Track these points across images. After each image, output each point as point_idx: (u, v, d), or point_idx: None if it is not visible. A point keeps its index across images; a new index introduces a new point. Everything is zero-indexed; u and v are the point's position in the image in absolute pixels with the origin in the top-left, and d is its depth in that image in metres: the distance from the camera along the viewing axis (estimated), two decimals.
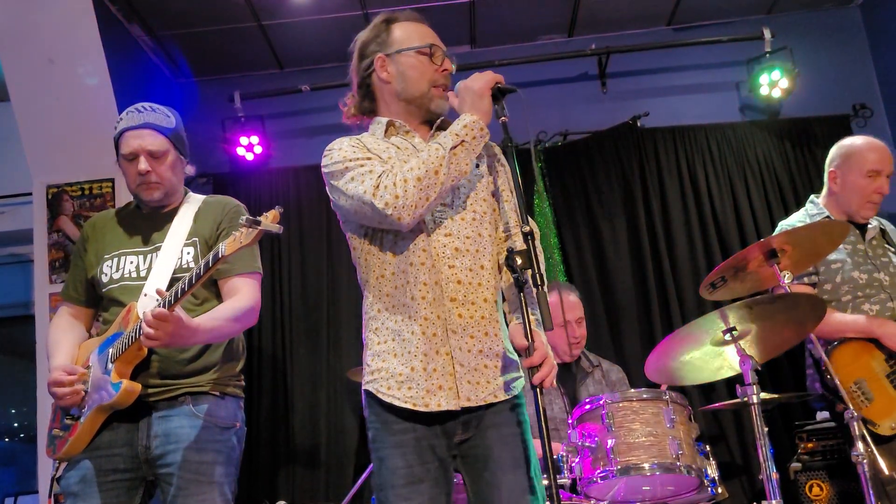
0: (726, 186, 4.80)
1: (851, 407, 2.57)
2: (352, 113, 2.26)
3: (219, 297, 2.48)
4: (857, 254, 3.15)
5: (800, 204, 4.61)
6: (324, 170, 2.09)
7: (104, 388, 2.28)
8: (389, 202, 1.88)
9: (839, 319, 3.04)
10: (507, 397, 2.01)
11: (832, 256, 3.12)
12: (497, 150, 2.22)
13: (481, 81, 1.98)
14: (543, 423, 1.76)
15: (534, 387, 1.80)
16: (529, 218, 1.89)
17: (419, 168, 1.90)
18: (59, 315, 2.60)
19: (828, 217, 3.21)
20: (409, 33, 2.16)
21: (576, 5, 4.87)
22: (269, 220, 2.04)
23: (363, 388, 2.03)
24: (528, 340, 1.82)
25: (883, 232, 3.28)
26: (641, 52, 5.01)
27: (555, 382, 1.90)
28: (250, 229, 2.03)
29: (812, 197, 3.36)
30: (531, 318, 1.86)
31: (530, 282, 1.81)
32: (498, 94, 1.98)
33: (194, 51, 5.08)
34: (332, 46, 5.11)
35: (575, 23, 5.05)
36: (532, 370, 1.82)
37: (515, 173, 1.93)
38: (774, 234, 3.04)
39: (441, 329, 1.96)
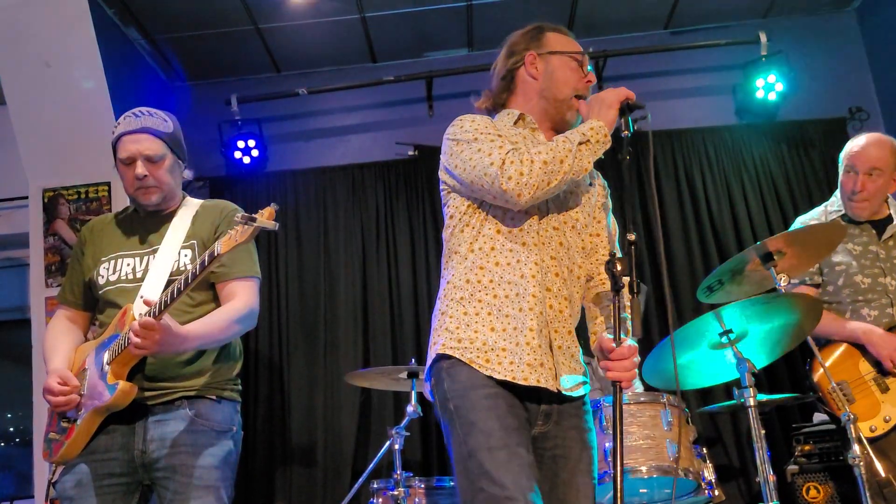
0: (723, 189, 4.80)
1: (834, 409, 2.58)
2: (484, 105, 2.28)
3: (217, 301, 2.48)
4: (867, 255, 3.09)
5: (796, 206, 4.64)
6: (449, 137, 2.09)
7: (100, 390, 2.27)
8: (513, 177, 1.89)
9: (828, 322, 3.04)
10: (585, 395, 2.06)
11: (836, 258, 3.10)
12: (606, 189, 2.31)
13: (613, 94, 2.04)
14: (618, 421, 1.78)
15: (613, 383, 1.85)
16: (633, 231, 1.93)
17: (547, 153, 1.92)
18: (56, 319, 2.59)
19: (843, 216, 3.19)
20: (562, 40, 2.24)
21: (573, 9, 4.88)
22: (265, 217, 2.03)
23: (440, 352, 1.97)
24: (617, 336, 1.86)
25: None
26: (639, 55, 5.02)
27: None
28: (246, 226, 2.03)
29: (837, 191, 3.27)
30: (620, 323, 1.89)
31: (626, 288, 1.85)
32: (626, 109, 2.04)
33: (191, 54, 5.08)
34: (329, 50, 5.11)
35: (572, 26, 5.06)
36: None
37: (638, 183, 1.98)
38: (789, 230, 3.04)
39: (544, 311, 1.98)
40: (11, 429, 5.33)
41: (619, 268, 1.85)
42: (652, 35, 5.18)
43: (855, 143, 3.15)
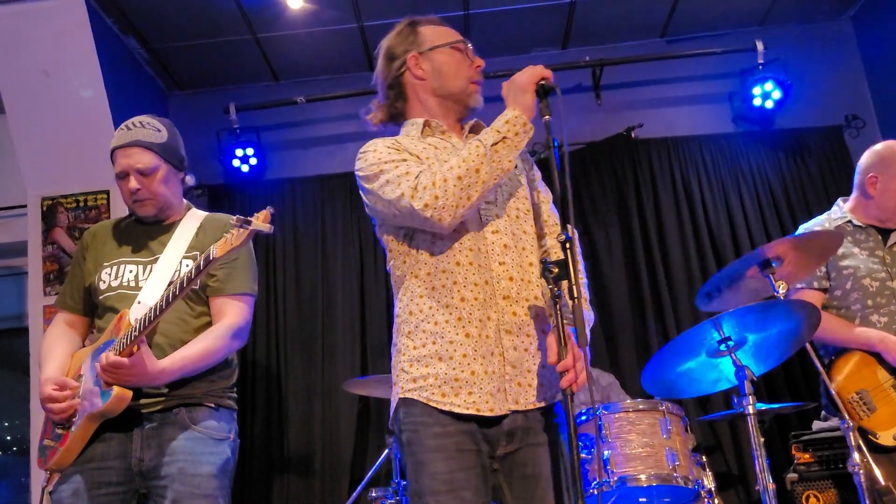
0: (720, 197, 4.81)
1: (847, 417, 2.57)
2: (379, 118, 2.21)
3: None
4: (874, 260, 3.10)
5: (794, 214, 4.65)
6: (358, 173, 2.01)
7: (95, 396, 2.25)
8: (429, 203, 1.81)
9: (840, 328, 3.04)
10: (554, 402, 1.94)
11: (844, 262, 3.10)
12: (530, 159, 2.19)
13: (525, 76, 1.93)
14: (571, 432, 1.70)
15: (563, 392, 1.74)
16: (570, 226, 1.80)
17: (459, 167, 1.83)
18: (55, 324, 2.58)
19: (849, 221, 3.19)
20: (437, 32, 2.14)
21: (569, 17, 4.90)
22: (260, 220, 2.03)
23: (401, 396, 1.90)
24: (560, 346, 1.73)
25: None
26: (635, 63, 5.03)
27: None
28: (241, 230, 2.02)
29: (839, 200, 3.29)
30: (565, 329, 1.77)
31: (566, 294, 1.73)
32: (541, 91, 1.92)
33: (189, 63, 5.09)
34: (328, 58, 5.13)
35: (569, 35, 5.08)
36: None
37: (559, 176, 1.82)
38: (794, 234, 3.04)
39: (494, 330, 1.88)
40: (9, 437, 5.32)
41: (554, 272, 1.73)
42: (648, 43, 5.20)
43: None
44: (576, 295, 1.70)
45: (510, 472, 1.89)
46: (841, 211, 3.24)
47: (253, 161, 4.99)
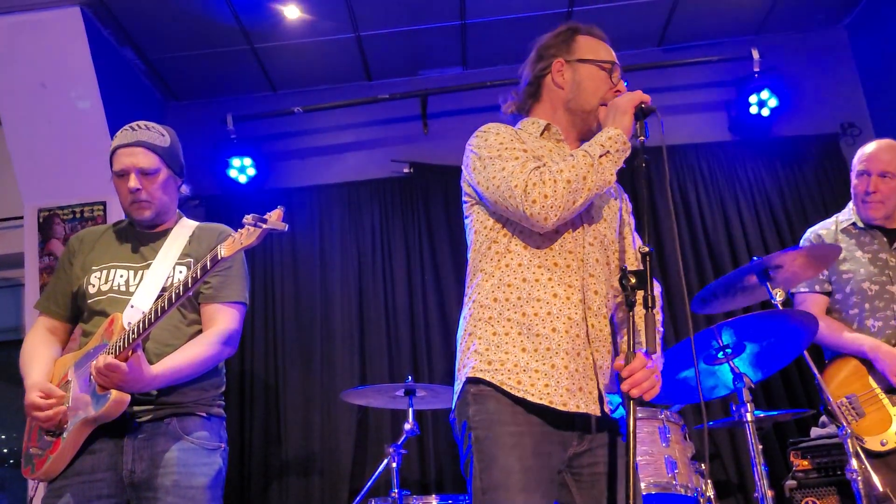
0: (717, 205, 4.82)
1: (844, 423, 2.57)
2: (511, 109, 2.22)
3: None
4: (876, 263, 3.10)
5: (791, 222, 4.67)
6: (473, 149, 2.01)
7: (88, 401, 2.22)
8: (538, 200, 1.83)
9: (834, 331, 3.04)
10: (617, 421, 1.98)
11: (844, 266, 3.11)
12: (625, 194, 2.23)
13: (627, 99, 1.98)
14: (630, 440, 1.71)
15: (625, 396, 1.77)
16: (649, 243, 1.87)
17: (569, 171, 1.85)
18: (36, 329, 2.54)
19: (853, 224, 3.20)
20: (592, 46, 2.15)
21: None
22: (274, 218, 2.01)
23: (476, 375, 1.87)
24: (629, 351, 1.79)
25: None
26: (632, 71, 5.03)
27: None
28: (253, 228, 2.00)
29: (850, 202, 3.32)
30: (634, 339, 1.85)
31: (640, 303, 1.78)
32: (640, 113, 1.98)
33: (187, 74, 5.10)
34: (325, 69, 5.14)
35: None
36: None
37: (650, 191, 1.90)
38: (800, 243, 3.05)
39: (583, 332, 1.90)
40: (6, 450, 5.30)
41: (632, 281, 1.79)
42: (645, 52, 5.21)
43: (867, 148, 3.22)
44: (650, 305, 1.75)
45: (580, 473, 1.91)
46: (849, 213, 3.26)
47: (250, 171, 4.99)
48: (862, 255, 3.12)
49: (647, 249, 1.82)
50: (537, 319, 1.88)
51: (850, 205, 3.30)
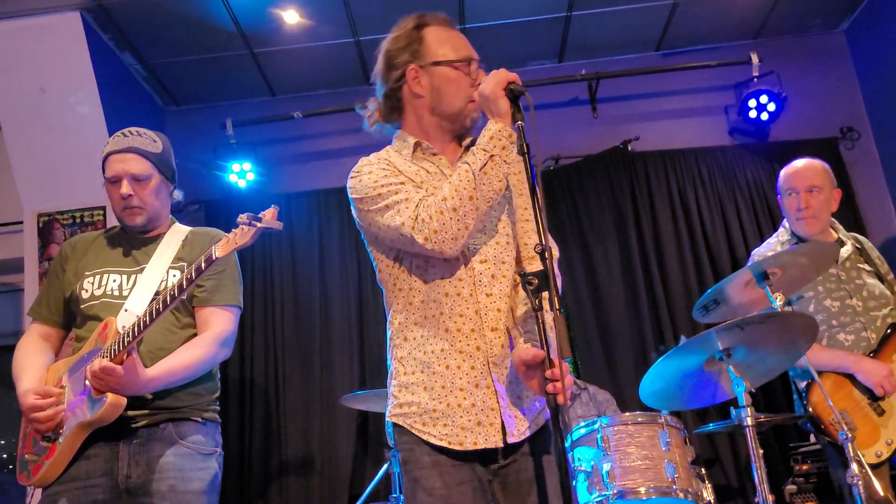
0: (717, 209, 4.82)
1: (845, 429, 2.57)
2: (376, 119, 2.13)
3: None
4: (829, 279, 3.15)
5: None
6: (352, 193, 1.95)
7: (84, 405, 2.22)
8: (429, 237, 1.78)
9: (815, 353, 3.05)
10: (546, 422, 1.92)
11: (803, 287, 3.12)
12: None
13: (492, 84, 1.85)
14: (556, 439, 1.62)
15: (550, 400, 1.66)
16: (548, 235, 1.72)
17: (453, 197, 1.79)
18: (29, 336, 2.54)
19: (796, 241, 3.23)
20: (442, 42, 2.02)
21: (565, 31, 4.92)
22: (268, 217, 2.00)
23: (389, 419, 1.91)
24: (542, 350, 1.66)
25: (859, 251, 3.26)
26: (631, 76, 5.06)
27: None
28: (248, 228, 1.99)
29: (784, 221, 3.39)
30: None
31: (546, 306, 1.67)
32: (510, 95, 1.84)
33: (186, 79, 5.10)
34: (324, 73, 5.14)
35: (565, 49, 5.10)
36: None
37: (532, 184, 1.75)
38: (749, 263, 3.07)
39: (482, 362, 1.86)
40: (5, 455, 5.29)
41: (535, 283, 1.67)
42: (644, 57, 5.22)
43: (789, 168, 3.34)
44: (557, 306, 1.63)
45: (506, 483, 1.87)
46: (787, 233, 3.29)
47: (250, 176, 5.00)
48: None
49: (540, 247, 1.67)
50: (435, 357, 1.86)
51: (784, 224, 3.36)
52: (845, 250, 3.21)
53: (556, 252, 1.94)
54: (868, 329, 3.07)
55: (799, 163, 3.34)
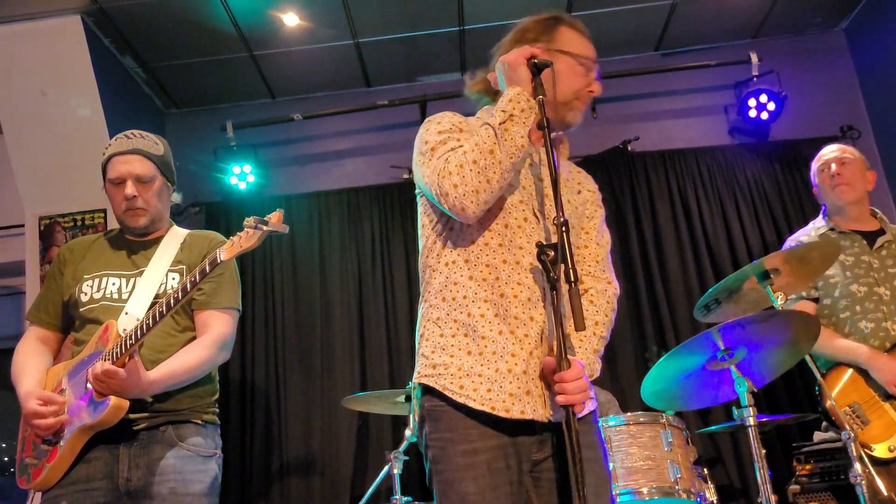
0: (717, 209, 4.82)
1: (849, 430, 2.57)
2: (476, 88, 2.10)
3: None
4: (860, 265, 3.13)
5: (791, 225, 4.66)
6: (416, 141, 1.93)
7: (85, 408, 2.22)
8: (450, 192, 1.74)
9: (833, 344, 3.04)
10: (587, 413, 1.86)
11: (829, 271, 3.12)
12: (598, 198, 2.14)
13: (514, 53, 1.86)
14: (569, 448, 1.58)
15: (564, 407, 1.64)
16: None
17: (473, 150, 1.75)
18: (27, 339, 2.54)
19: (831, 229, 3.23)
20: (575, 40, 2.02)
21: None
22: (274, 220, 2.00)
23: (420, 381, 1.82)
24: (561, 357, 1.64)
25: None
26: (630, 77, 5.06)
27: None
28: (254, 231, 1.99)
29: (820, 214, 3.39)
30: (564, 324, 1.70)
31: (562, 278, 1.63)
32: (534, 69, 1.84)
33: (187, 81, 5.10)
34: (324, 75, 5.15)
35: None
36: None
37: (550, 158, 1.74)
38: (782, 248, 3.08)
39: (537, 332, 1.79)
40: (6, 458, 5.29)
41: (550, 255, 1.63)
42: (643, 57, 5.22)
43: (819, 153, 3.40)
44: (572, 278, 1.60)
45: (540, 480, 1.80)
46: (824, 220, 3.29)
47: (250, 178, 5.00)
48: (846, 259, 3.13)
49: (562, 220, 1.65)
50: (484, 321, 1.79)
51: (820, 217, 3.35)
52: (883, 238, 3.19)
53: (616, 289, 2.02)
54: (890, 320, 3.04)
55: (825, 148, 3.41)
